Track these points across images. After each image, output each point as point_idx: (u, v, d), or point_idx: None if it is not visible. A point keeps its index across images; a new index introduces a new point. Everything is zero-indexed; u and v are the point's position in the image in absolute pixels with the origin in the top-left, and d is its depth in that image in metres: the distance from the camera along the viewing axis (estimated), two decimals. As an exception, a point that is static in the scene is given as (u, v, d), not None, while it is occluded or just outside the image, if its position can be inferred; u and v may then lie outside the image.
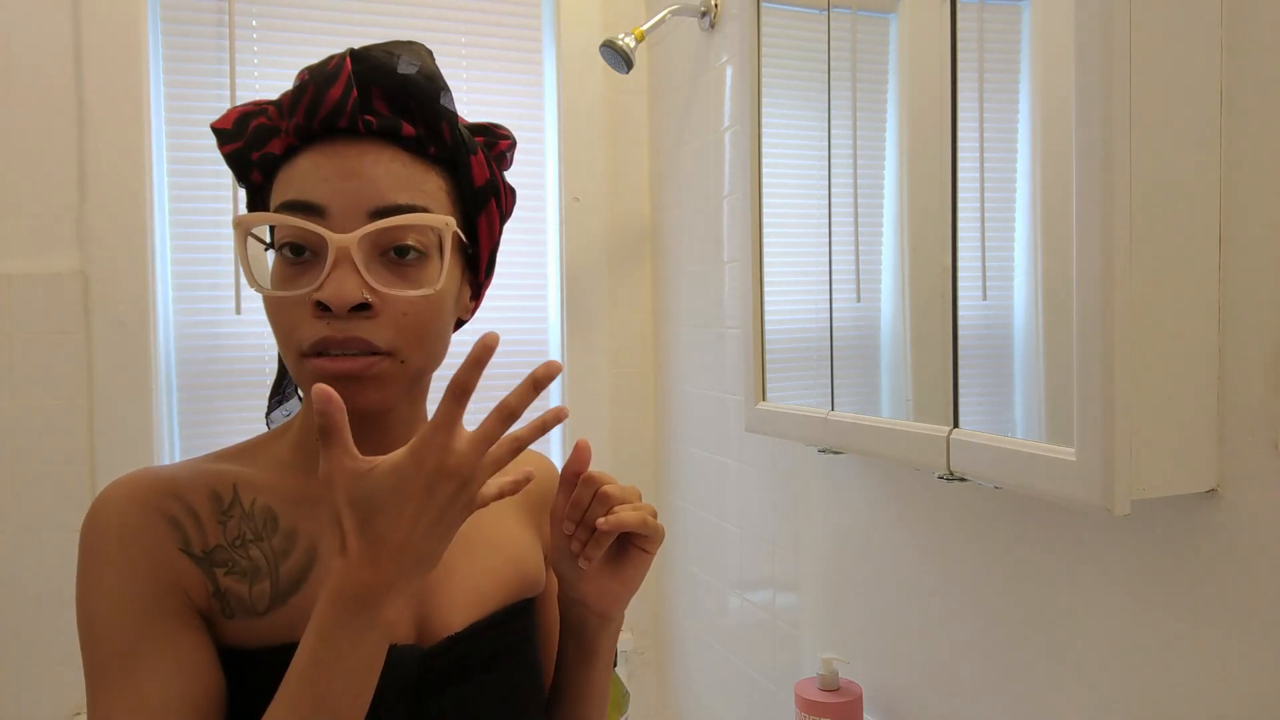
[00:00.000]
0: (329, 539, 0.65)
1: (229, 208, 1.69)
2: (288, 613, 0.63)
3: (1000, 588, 0.92)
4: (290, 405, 0.80)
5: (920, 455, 0.87)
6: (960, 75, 0.84)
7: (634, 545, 0.71)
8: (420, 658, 0.66)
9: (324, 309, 0.61)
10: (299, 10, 1.73)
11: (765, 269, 1.21)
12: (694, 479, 1.75)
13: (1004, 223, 0.79)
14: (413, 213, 0.64)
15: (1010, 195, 0.79)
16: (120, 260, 1.60)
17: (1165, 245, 0.66)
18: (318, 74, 0.64)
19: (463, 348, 0.62)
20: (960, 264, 0.84)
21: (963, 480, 0.83)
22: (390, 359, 0.63)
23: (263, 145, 0.66)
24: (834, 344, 1.07)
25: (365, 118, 0.64)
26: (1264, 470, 0.65)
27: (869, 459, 1.15)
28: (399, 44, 0.67)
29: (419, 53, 0.68)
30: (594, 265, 1.91)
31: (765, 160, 1.21)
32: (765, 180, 1.21)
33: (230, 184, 1.68)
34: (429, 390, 0.74)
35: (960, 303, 0.85)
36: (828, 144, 1.07)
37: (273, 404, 0.80)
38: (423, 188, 0.65)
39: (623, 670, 1.87)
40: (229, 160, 0.67)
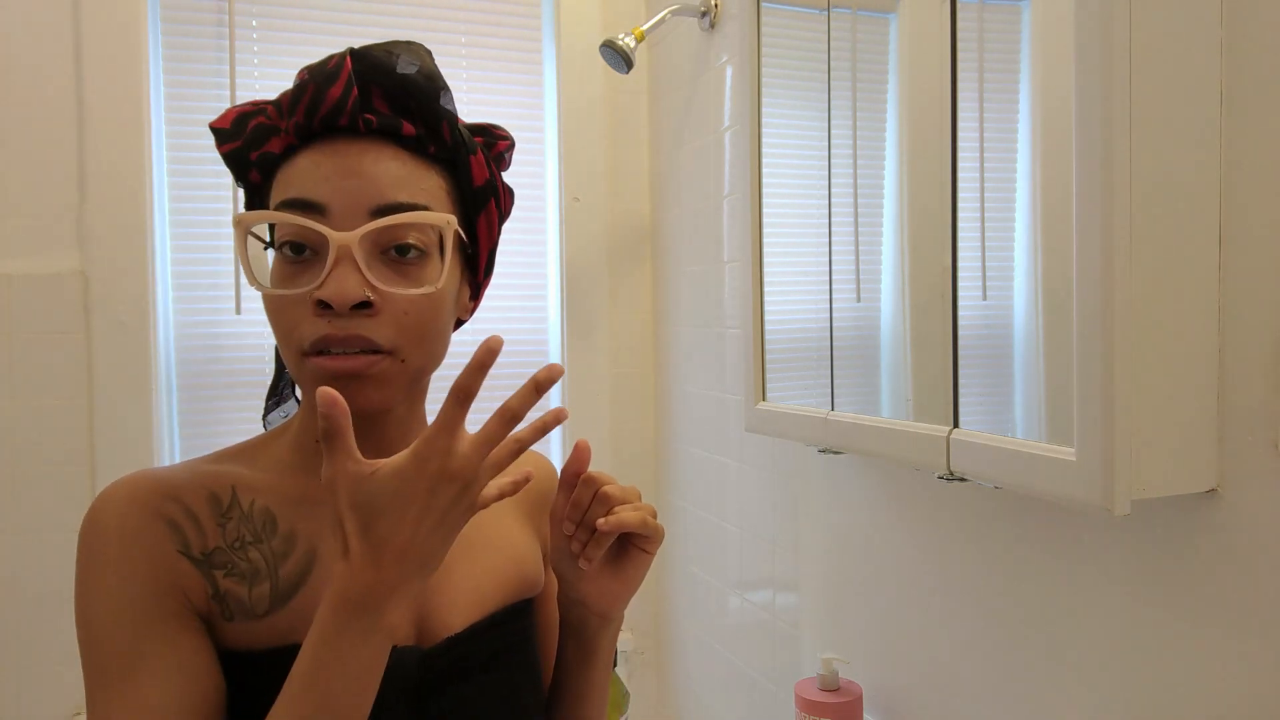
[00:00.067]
0: (330, 542, 0.65)
1: (229, 208, 1.69)
2: (287, 615, 0.63)
3: (1000, 588, 0.92)
4: (288, 407, 0.80)
5: (920, 455, 0.87)
6: (960, 75, 0.84)
7: (634, 545, 0.71)
8: (420, 658, 0.66)
9: (325, 307, 0.61)
10: (299, 10, 1.73)
11: (765, 269, 1.21)
12: (694, 479, 1.75)
13: (1004, 223, 0.79)
14: (414, 211, 0.64)
15: (1010, 195, 0.79)
16: (120, 260, 1.60)
17: (1165, 245, 0.66)
18: (318, 73, 0.64)
19: (462, 348, 0.62)
20: (960, 264, 0.84)
21: (963, 480, 0.83)
22: (391, 358, 0.63)
23: (261, 144, 0.65)
24: (834, 344, 1.07)
25: (366, 116, 0.64)
26: (1264, 470, 0.65)
27: (869, 459, 1.15)
28: (398, 44, 0.67)
29: (418, 52, 0.68)
30: (594, 265, 1.91)
31: (765, 160, 1.21)
32: (765, 180, 1.21)
33: (230, 184, 1.68)
34: (427, 392, 0.74)
35: (960, 303, 0.84)
36: (828, 144, 1.07)
37: (269, 405, 0.80)
38: (423, 187, 0.65)
39: (623, 670, 1.87)
40: (227, 160, 0.67)
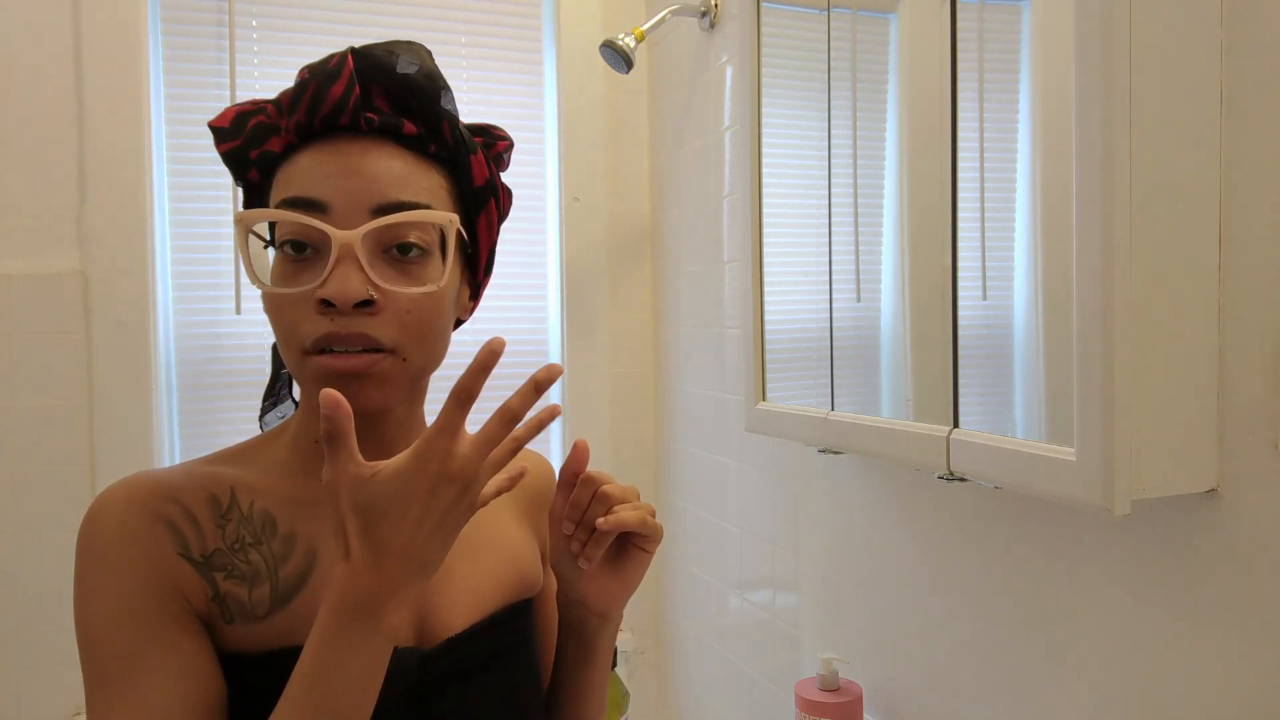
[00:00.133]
0: (330, 543, 0.65)
1: (229, 208, 1.69)
2: (288, 617, 0.63)
3: (1000, 588, 0.92)
4: (284, 408, 0.79)
5: (920, 455, 0.87)
6: (960, 75, 0.84)
7: (633, 545, 0.71)
8: (421, 660, 0.66)
9: (327, 306, 0.61)
10: (299, 10, 1.73)
11: (765, 269, 1.21)
12: (694, 479, 1.75)
13: (1004, 223, 0.79)
14: (416, 210, 0.64)
15: (1010, 195, 0.79)
16: (120, 260, 1.60)
17: (1165, 245, 0.66)
18: (319, 72, 0.64)
19: (462, 348, 0.62)
20: (960, 264, 0.84)
21: (963, 480, 0.83)
22: (393, 356, 0.63)
23: (261, 143, 0.65)
24: (834, 344, 1.07)
25: (367, 115, 0.64)
26: (1264, 470, 0.65)
27: (869, 459, 1.15)
28: (399, 43, 0.67)
29: (418, 52, 0.68)
30: (594, 265, 1.91)
31: (765, 160, 1.21)
32: (765, 180, 1.21)
33: (230, 184, 1.68)
34: (426, 392, 0.74)
35: (960, 303, 0.84)
36: (828, 144, 1.07)
37: (266, 406, 0.79)
38: (424, 186, 0.65)
39: (623, 670, 1.87)
40: (226, 159, 0.67)
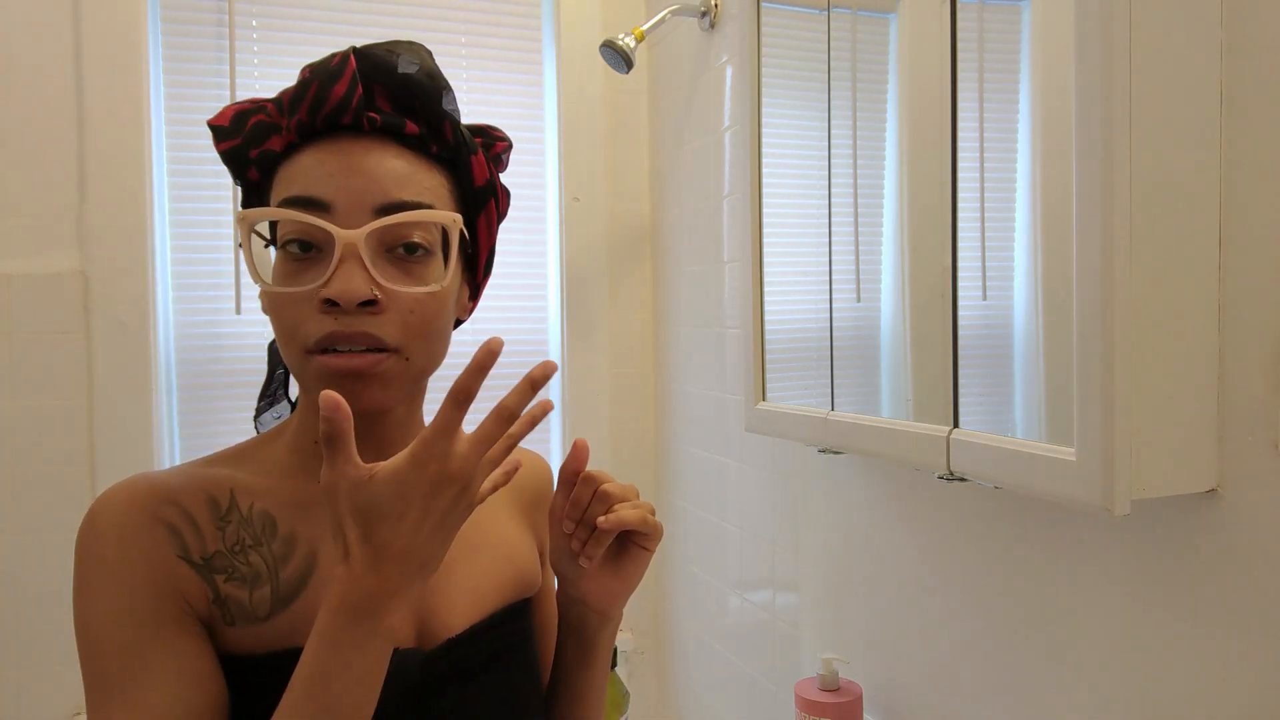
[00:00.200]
0: (330, 546, 0.65)
1: (229, 208, 1.69)
2: (289, 618, 0.63)
3: (1000, 588, 0.92)
4: (280, 408, 0.79)
5: (920, 455, 0.87)
6: (960, 75, 0.84)
7: (633, 543, 0.71)
8: (422, 661, 0.66)
9: (331, 305, 0.61)
10: (299, 10, 1.73)
11: (765, 269, 1.21)
12: (694, 479, 1.75)
13: (1004, 223, 0.79)
14: (419, 210, 0.64)
15: (1010, 195, 0.79)
16: (120, 260, 1.60)
17: (1165, 245, 0.66)
18: (321, 71, 0.64)
19: (462, 348, 0.62)
20: (960, 264, 0.84)
21: (963, 480, 0.83)
22: (396, 356, 0.63)
23: (262, 142, 0.65)
24: (834, 344, 1.07)
25: (369, 115, 0.64)
26: (1264, 470, 0.65)
27: (869, 459, 1.15)
28: (400, 43, 0.67)
29: (419, 52, 0.68)
30: (594, 265, 1.91)
31: (765, 160, 1.21)
32: (765, 180, 1.21)
33: (230, 184, 1.68)
34: (425, 393, 0.74)
35: (960, 303, 0.84)
36: (828, 144, 1.07)
37: (261, 406, 0.79)
38: (426, 185, 0.66)
39: (623, 670, 1.87)
40: (225, 158, 0.66)
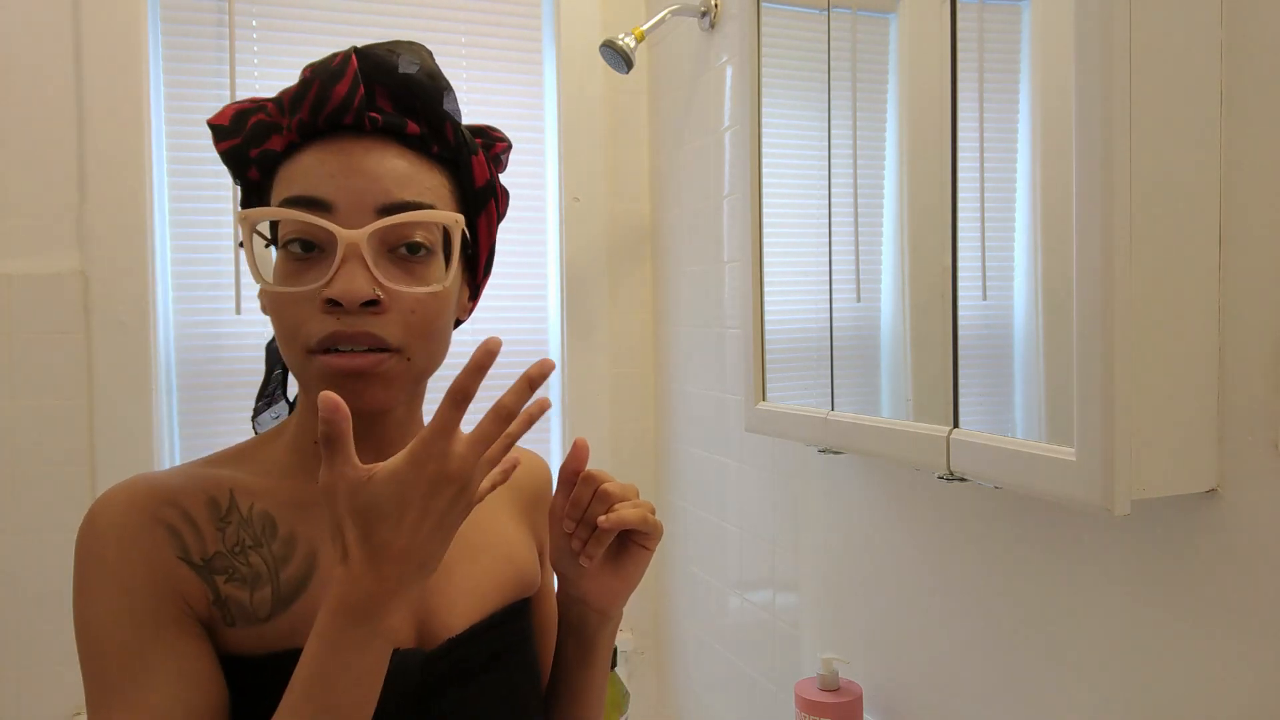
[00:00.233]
0: (330, 547, 0.65)
1: (229, 208, 1.69)
2: (290, 619, 0.63)
3: (1000, 588, 0.92)
4: (279, 408, 0.79)
5: (920, 455, 0.87)
6: (960, 75, 0.84)
7: (634, 542, 0.71)
8: (423, 661, 0.66)
9: (334, 305, 0.61)
10: (299, 10, 1.73)
11: (765, 269, 1.21)
12: (694, 479, 1.75)
13: (1004, 223, 0.79)
14: (422, 210, 0.64)
15: (1010, 195, 0.79)
16: (120, 260, 1.60)
17: (1165, 245, 0.66)
18: (323, 70, 0.64)
19: (462, 348, 0.62)
20: (960, 264, 0.84)
21: (963, 480, 0.83)
22: (398, 356, 0.63)
23: (262, 142, 0.65)
24: (834, 344, 1.07)
25: (371, 115, 0.64)
26: (1264, 470, 0.65)
27: (869, 459, 1.15)
28: (400, 43, 0.68)
29: (419, 52, 0.68)
30: (594, 265, 1.91)
31: (765, 160, 1.21)
32: (765, 180, 1.21)
33: (231, 183, 1.68)
34: (425, 393, 0.74)
35: (960, 303, 0.84)
36: (828, 144, 1.07)
37: (259, 407, 0.79)
38: (427, 186, 0.66)
39: (623, 670, 1.87)
40: (225, 157, 0.66)
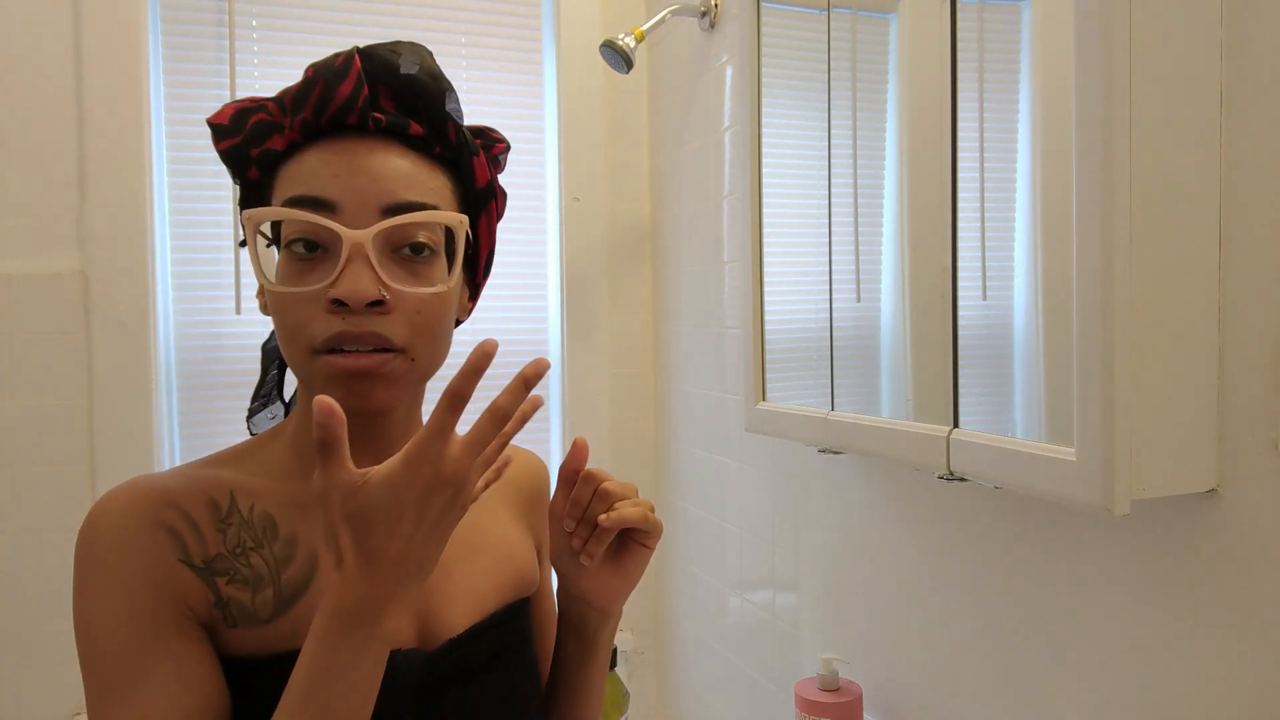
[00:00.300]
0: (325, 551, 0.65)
1: (229, 208, 1.69)
2: (291, 620, 0.63)
3: (1000, 588, 0.92)
4: (275, 409, 0.79)
5: (920, 455, 0.87)
6: (960, 75, 0.84)
7: (634, 541, 0.71)
8: (425, 661, 0.66)
9: (339, 305, 0.61)
10: (299, 10, 1.73)
11: (765, 269, 1.21)
12: (694, 479, 1.75)
13: (1004, 223, 0.79)
14: (426, 210, 0.64)
15: (1010, 195, 0.79)
16: (120, 260, 1.60)
17: (1165, 245, 0.66)
18: (326, 70, 0.64)
19: (462, 348, 0.62)
20: (960, 264, 0.84)
21: (963, 480, 0.83)
22: (402, 356, 0.63)
23: (263, 141, 0.65)
24: (834, 344, 1.07)
25: (374, 115, 0.64)
26: (1264, 470, 0.65)
27: (869, 459, 1.15)
28: (401, 44, 0.68)
29: (419, 52, 0.68)
30: (594, 265, 1.91)
31: (765, 160, 1.21)
32: (765, 180, 1.21)
33: (231, 183, 1.68)
34: (425, 394, 0.74)
35: (960, 303, 0.84)
36: (828, 144, 1.07)
37: (255, 407, 0.79)
38: (430, 186, 0.66)
39: (623, 670, 1.87)
40: (225, 156, 0.66)
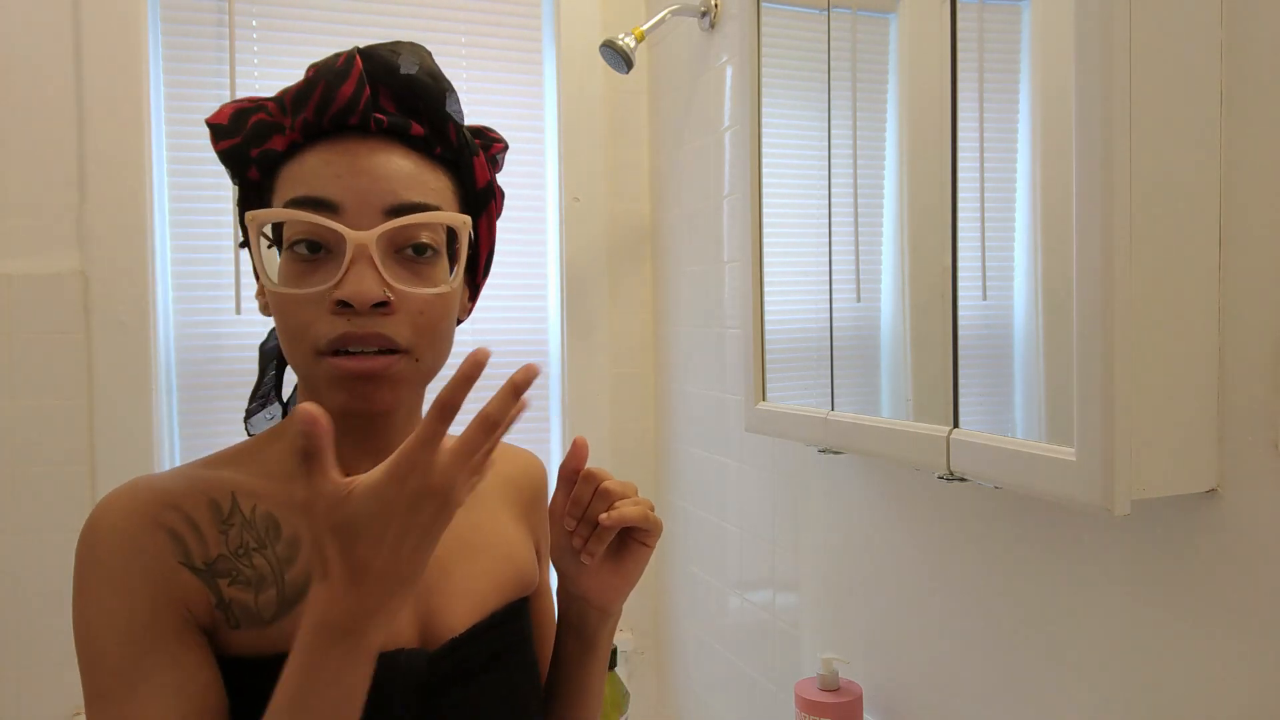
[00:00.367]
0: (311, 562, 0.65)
1: (229, 208, 1.69)
2: (294, 620, 0.62)
3: (1000, 588, 0.92)
4: (272, 410, 0.79)
5: (920, 455, 0.87)
6: (960, 75, 0.84)
7: (634, 539, 0.71)
8: (426, 661, 0.66)
9: (344, 306, 0.61)
10: (299, 10, 1.73)
11: (765, 269, 1.21)
12: (694, 479, 1.75)
13: (1004, 223, 0.79)
14: (428, 211, 0.64)
15: (1010, 195, 0.79)
16: (120, 260, 1.60)
17: (1165, 245, 0.66)
18: (327, 70, 0.64)
19: (462, 348, 0.62)
20: (960, 264, 0.84)
21: (963, 480, 0.83)
22: (407, 357, 0.63)
23: (263, 141, 0.65)
24: (834, 344, 1.07)
25: (376, 116, 0.64)
26: (1264, 470, 0.65)
27: (869, 459, 1.15)
28: (400, 44, 0.68)
29: (419, 53, 0.68)
30: (594, 265, 1.91)
31: (765, 160, 1.21)
32: (765, 180, 1.21)
33: (231, 184, 1.67)
34: (424, 397, 0.74)
35: (960, 303, 0.84)
36: (828, 144, 1.07)
37: (253, 408, 0.79)
38: (432, 187, 0.66)
39: (623, 670, 1.87)
40: (224, 156, 0.66)
